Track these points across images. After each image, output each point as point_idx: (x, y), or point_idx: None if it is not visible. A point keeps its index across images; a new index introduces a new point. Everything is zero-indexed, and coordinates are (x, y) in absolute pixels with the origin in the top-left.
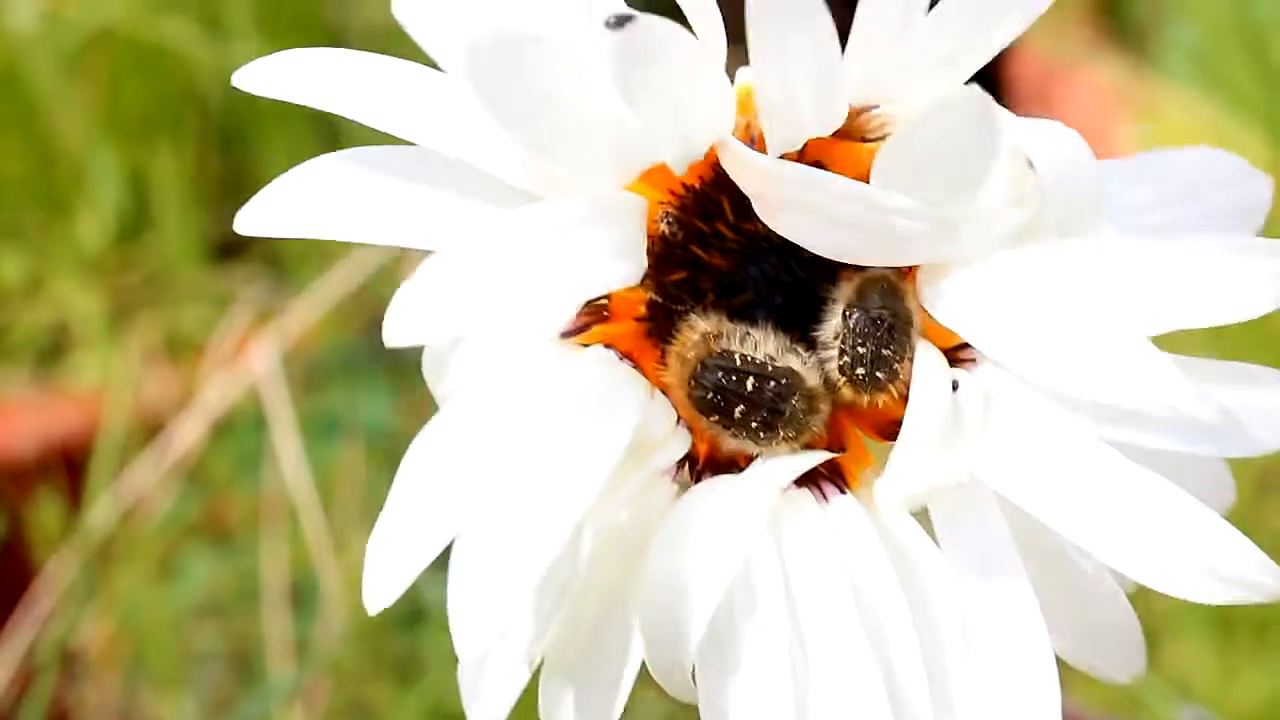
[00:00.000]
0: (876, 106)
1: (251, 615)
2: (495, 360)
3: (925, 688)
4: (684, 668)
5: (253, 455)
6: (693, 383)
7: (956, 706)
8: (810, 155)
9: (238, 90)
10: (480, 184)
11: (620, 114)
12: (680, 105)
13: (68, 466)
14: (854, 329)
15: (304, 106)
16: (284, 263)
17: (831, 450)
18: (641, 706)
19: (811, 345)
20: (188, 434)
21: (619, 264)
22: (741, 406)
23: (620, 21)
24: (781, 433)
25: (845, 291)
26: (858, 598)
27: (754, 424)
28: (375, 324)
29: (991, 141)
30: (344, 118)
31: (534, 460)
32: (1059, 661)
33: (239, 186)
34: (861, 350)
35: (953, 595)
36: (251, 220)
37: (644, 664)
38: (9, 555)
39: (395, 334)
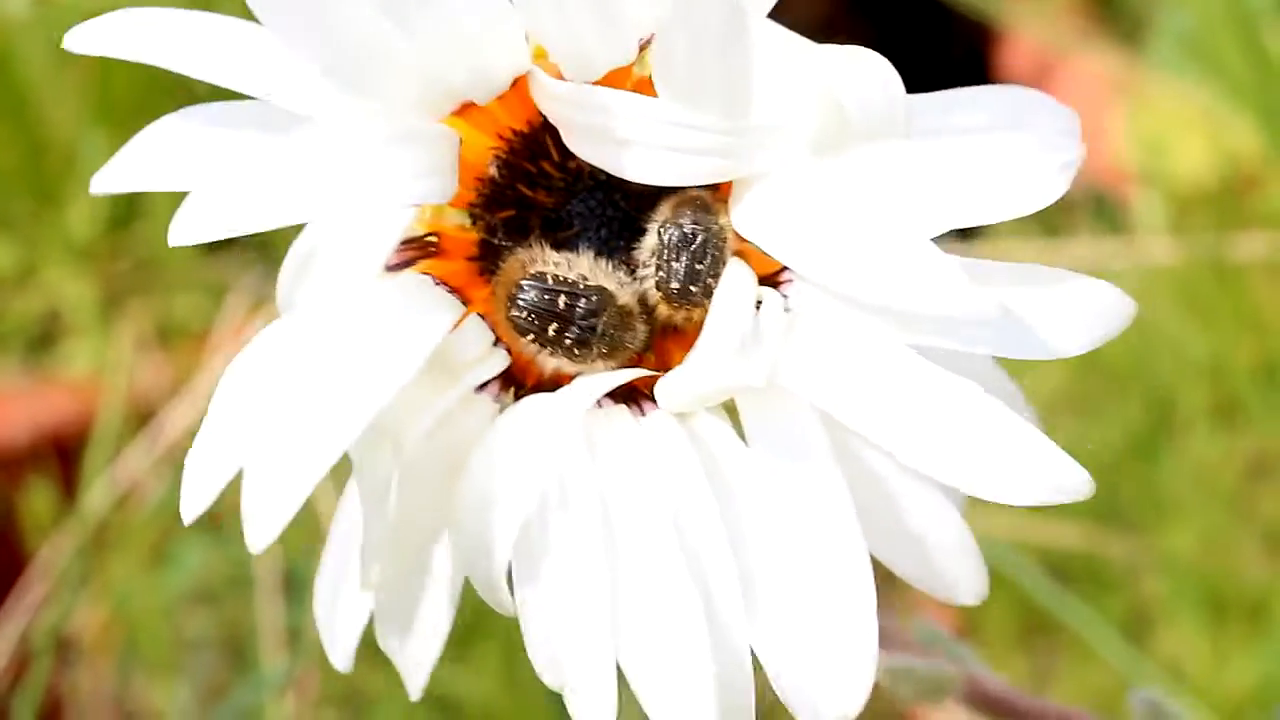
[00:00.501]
0: None
1: (244, 602)
2: (320, 291)
3: (738, 591)
4: (498, 583)
5: None
6: (509, 304)
7: (764, 606)
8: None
9: None
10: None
11: (404, 39)
12: (457, 28)
13: (60, 454)
14: (667, 244)
15: None
16: (275, 249)
17: (656, 371)
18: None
19: (633, 269)
20: (180, 420)
21: (422, 181)
22: (555, 324)
23: None
24: (595, 349)
25: (662, 212)
26: (671, 504)
27: (568, 341)
28: None
29: (741, 32)
30: None
31: (331, 366)
32: (1045, 656)
33: None
34: (675, 265)
35: (762, 496)
36: (106, 181)
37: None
38: (2, 543)
39: (179, 233)
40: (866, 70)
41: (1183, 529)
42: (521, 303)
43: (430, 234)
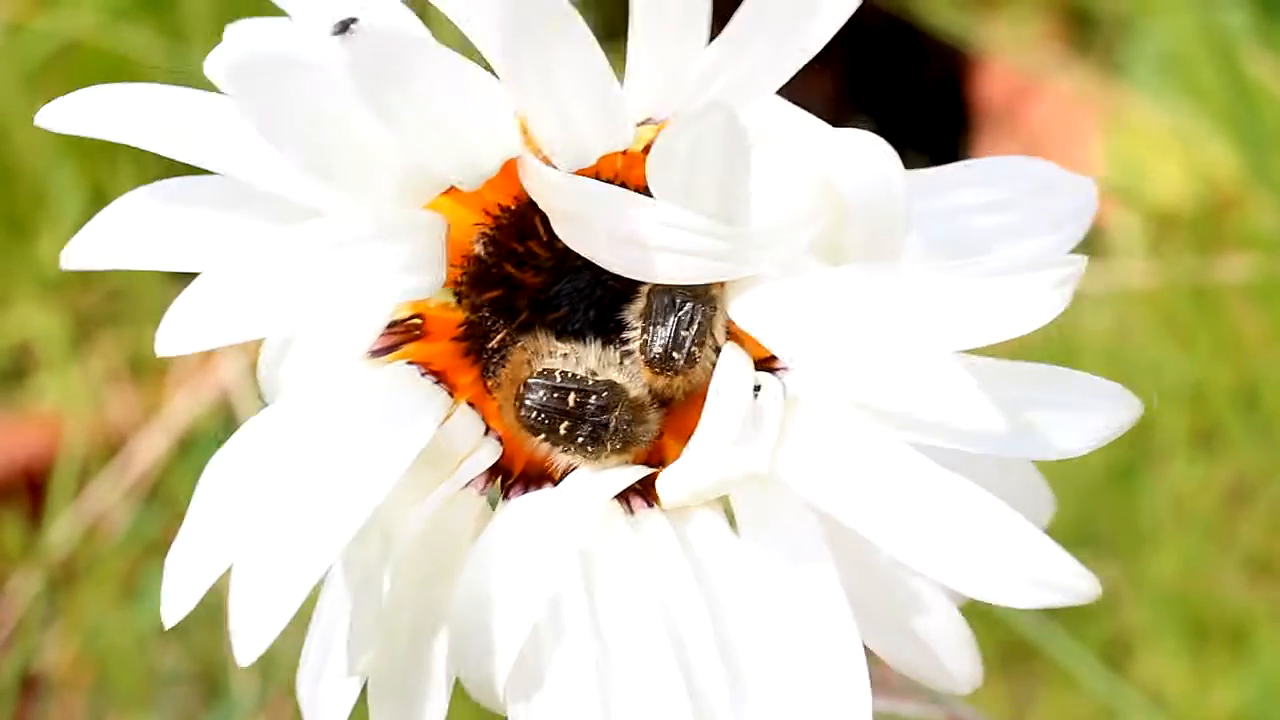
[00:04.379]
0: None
1: (216, 635)
2: (303, 378)
3: (728, 698)
4: (494, 692)
5: None
6: (517, 404)
7: (757, 710)
8: (622, 171)
9: None
10: (280, 210)
11: (386, 132)
12: (445, 122)
13: (31, 489)
14: (655, 309)
15: None
16: None
17: (650, 465)
18: None
19: (627, 348)
20: (149, 451)
21: (409, 277)
22: (566, 423)
23: (343, 27)
24: (609, 446)
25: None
26: (664, 614)
27: (580, 439)
28: None
29: (742, 151)
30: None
31: (319, 468)
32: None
33: None
34: (660, 329)
35: (756, 596)
36: (74, 258)
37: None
38: None
39: (165, 343)
40: (866, 158)
41: (1163, 554)
42: (530, 402)
43: (414, 316)
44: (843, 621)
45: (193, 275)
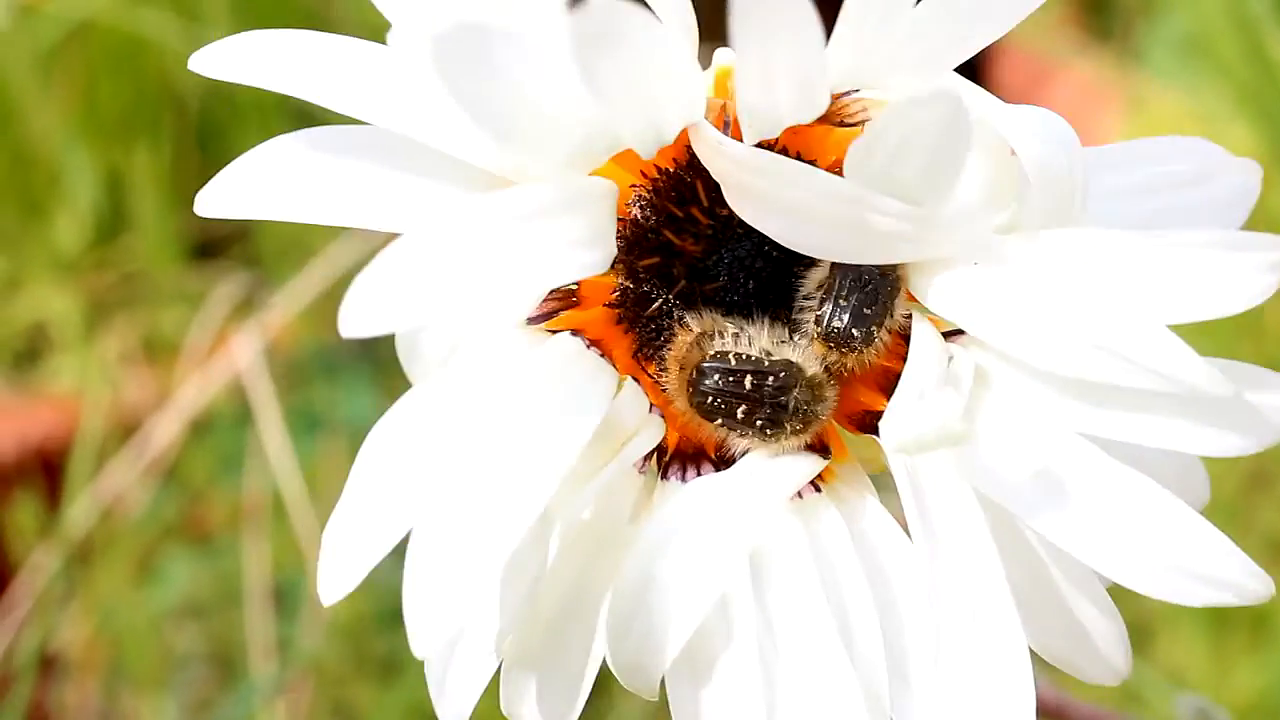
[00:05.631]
0: (856, 91)
1: (233, 616)
2: (461, 346)
3: (894, 693)
4: (651, 678)
5: (233, 455)
6: (691, 389)
7: (924, 704)
8: (785, 138)
9: (215, 88)
10: (441, 165)
11: (585, 99)
12: (645, 89)
13: (46, 470)
14: (839, 281)
15: (283, 103)
16: (263, 262)
17: (813, 451)
18: (624, 703)
19: (789, 324)
20: (165, 433)
21: (587, 253)
22: (744, 406)
23: (576, 1)
24: (788, 427)
25: None
26: (833, 607)
27: (759, 422)
28: None
29: (963, 140)
30: (322, 112)
31: (495, 452)
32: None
33: None
34: (843, 304)
35: (924, 596)
36: (211, 202)
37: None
38: None
39: (352, 324)
40: (1046, 127)
41: None
42: (706, 387)
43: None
44: (1009, 620)
45: (331, 227)
